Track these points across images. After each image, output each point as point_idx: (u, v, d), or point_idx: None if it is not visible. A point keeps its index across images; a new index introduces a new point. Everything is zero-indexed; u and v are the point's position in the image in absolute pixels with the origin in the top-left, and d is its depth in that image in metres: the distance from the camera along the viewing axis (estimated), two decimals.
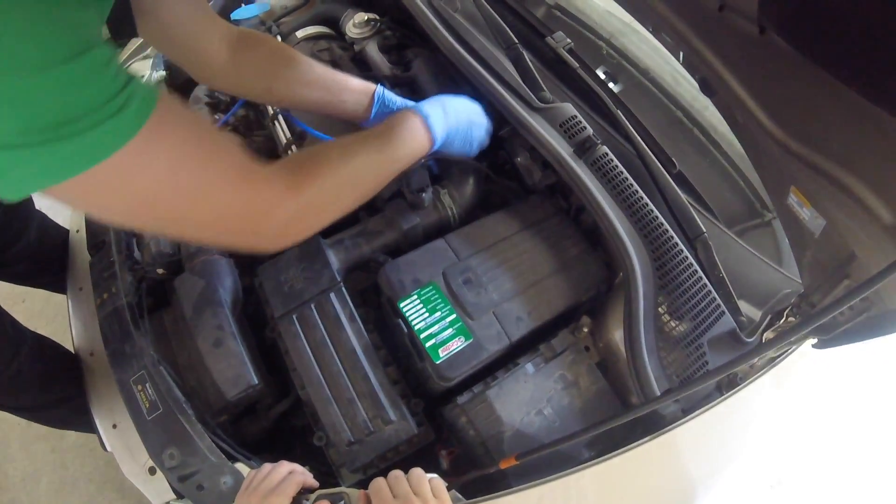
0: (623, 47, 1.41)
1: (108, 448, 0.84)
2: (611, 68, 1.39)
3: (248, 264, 0.96)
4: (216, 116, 1.08)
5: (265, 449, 0.90)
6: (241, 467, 0.77)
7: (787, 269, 1.05)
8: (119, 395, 0.83)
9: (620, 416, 0.54)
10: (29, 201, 1.14)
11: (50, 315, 1.78)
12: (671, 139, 1.32)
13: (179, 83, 1.19)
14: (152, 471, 0.80)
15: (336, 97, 0.80)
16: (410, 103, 0.85)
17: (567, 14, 1.44)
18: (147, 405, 0.81)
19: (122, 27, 0.58)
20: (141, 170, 0.44)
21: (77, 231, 1.09)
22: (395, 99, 0.84)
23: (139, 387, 0.83)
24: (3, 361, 0.98)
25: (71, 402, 1.13)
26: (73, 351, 0.97)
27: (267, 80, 0.78)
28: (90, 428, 0.88)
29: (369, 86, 0.83)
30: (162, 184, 0.46)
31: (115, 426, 0.85)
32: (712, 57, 0.68)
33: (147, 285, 0.92)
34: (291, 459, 0.89)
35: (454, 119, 0.78)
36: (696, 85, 0.81)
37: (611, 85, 1.37)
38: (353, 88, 0.82)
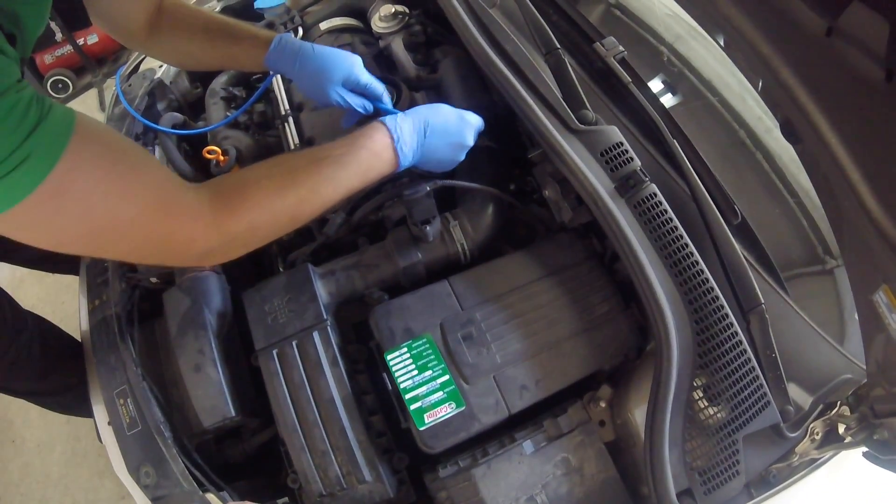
0: (686, 54, 1.22)
1: (103, 442, 0.84)
2: (671, 77, 1.21)
3: (242, 278, 0.89)
4: (228, 112, 1.01)
5: (251, 470, 0.86)
6: (212, 498, 0.74)
7: (847, 332, 0.88)
8: None
9: None
10: None
11: (76, 290, 1.81)
12: (730, 165, 1.14)
13: (199, 76, 1.14)
14: None
15: (226, 35, 0.79)
16: (318, 47, 0.76)
17: (628, 14, 1.26)
18: (128, 420, 0.80)
19: (75, 19, 0.55)
20: (54, 212, 0.46)
21: None
22: (295, 42, 0.77)
23: (121, 401, 0.82)
24: (2, 346, 0.97)
25: (73, 390, 1.13)
26: (79, 339, 0.96)
27: (172, 43, 0.79)
28: (91, 415, 0.86)
29: (270, 33, 0.79)
30: (79, 223, 0.48)
31: (109, 423, 0.83)
32: (806, 98, 0.52)
33: (140, 293, 0.88)
34: (277, 484, 0.85)
35: (431, 137, 0.69)
36: (772, 112, 0.66)
37: (669, 96, 1.20)
38: (245, 28, 0.80)
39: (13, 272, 1.02)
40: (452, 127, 0.71)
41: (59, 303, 1.78)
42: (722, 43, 0.74)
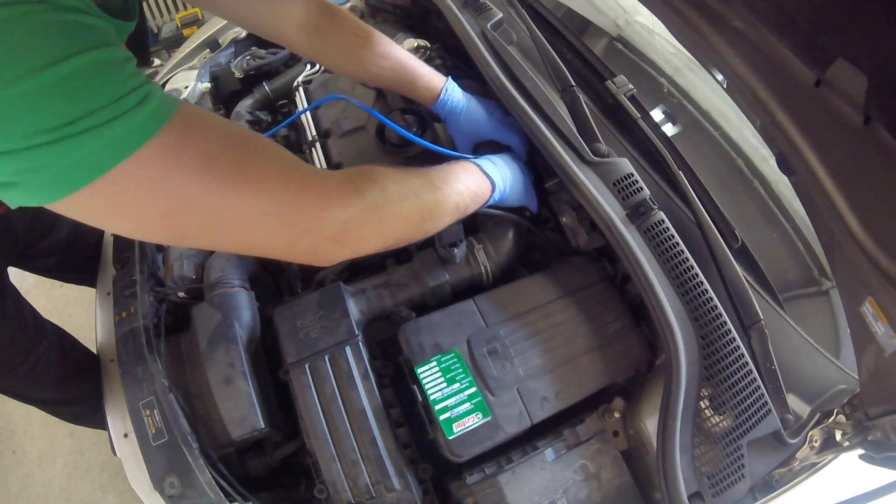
0: (685, 86, 1.30)
1: (118, 454, 0.85)
2: (671, 108, 1.29)
3: (270, 296, 0.93)
4: None
5: (270, 484, 0.88)
6: None
7: (842, 349, 0.94)
8: None
9: None
10: None
11: (85, 303, 1.83)
12: (729, 192, 1.21)
13: (225, 95, 1.18)
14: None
15: (407, 78, 0.84)
16: (474, 99, 0.88)
17: (629, 47, 1.35)
18: (153, 431, 0.82)
19: (139, 56, 0.57)
20: (169, 167, 0.40)
21: (112, 235, 1.09)
22: (461, 93, 0.87)
23: (147, 412, 0.83)
24: (20, 354, 0.99)
25: (87, 401, 1.14)
26: (94, 352, 0.98)
27: (343, 54, 0.81)
28: (103, 426, 0.88)
29: (440, 76, 0.86)
30: (196, 178, 0.42)
31: (126, 435, 0.85)
32: (798, 137, 0.59)
33: (167, 307, 0.91)
34: (295, 498, 0.87)
35: (505, 170, 0.77)
36: (768, 147, 0.72)
37: (669, 126, 1.27)
38: (424, 73, 0.85)
39: (20, 282, 1.03)
40: (512, 163, 0.81)
41: (67, 315, 1.79)
42: (720, 79, 0.81)
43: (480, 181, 0.73)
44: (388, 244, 0.61)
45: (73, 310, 1.81)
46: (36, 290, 1.81)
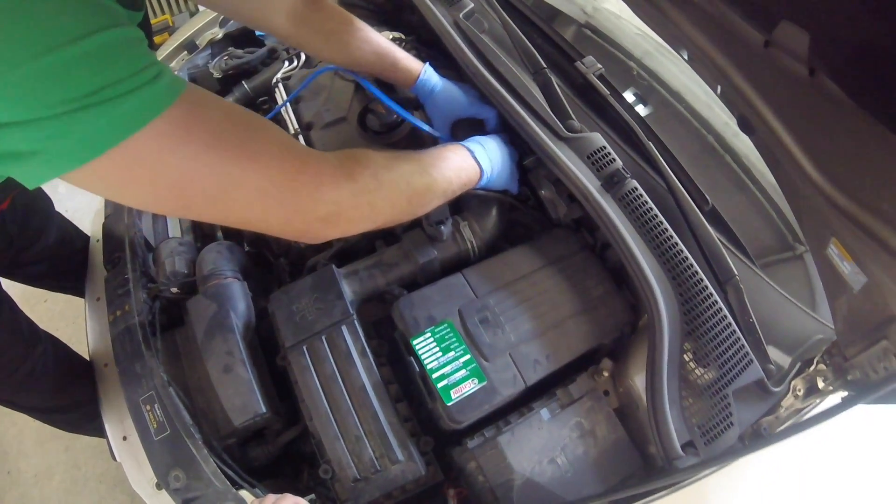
0: (654, 68, 1.36)
1: (118, 458, 0.85)
2: (641, 90, 1.34)
3: (263, 287, 0.95)
4: None
5: (272, 474, 0.90)
6: (245, 495, 0.77)
7: (818, 307, 0.99)
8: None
9: (639, 484, 0.51)
10: (48, 203, 1.15)
11: (70, 317, 1.81)
12: (702, 167, 1.26)
13: None
14: (159, 486, 0.80)
15: (387, 62, 0.88)
16: (450, 82, 0.92)
17: (598, 33, 1.40)
18: (155, 425, 0.82)
19: None
20: (180, 140, 0.43)
21: (98, 241, 1.09)
22: (437, 76, 0.91)
23: (148, 407, 0.83)
24: (16, 360, 0.98)
25: (83, 407, 1.14)
26: (87, 358, 0.98)
27: (327, 40, 0.85)
28: (99, 433, 0.88)
29: (417, 60, 0.91)
30: (204, 152, 0.45)
31: (125, 438, 0.86)
32: (754, 96, 0.64)
33: (161, 304, 0.92)
34: (298, 485, 0.89)
35: (495, 154, 0.81)
36: (730, 111, 0.76)
37: (640, 108, 1.32)
38: (403, 57, 0.90)
39: (34, 289, 1.03)
40: (500, 145, 0.85)
41: (54, 329, 1.74)
42: (686, 57, 0.86)
43: (470, 167, 0.76)
44: (378, 225, 0.64)
45: (60, 324, 1.79)
46: (21, 304, 1.78)
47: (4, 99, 0.36)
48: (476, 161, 0.77)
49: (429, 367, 0.71)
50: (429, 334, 0.73)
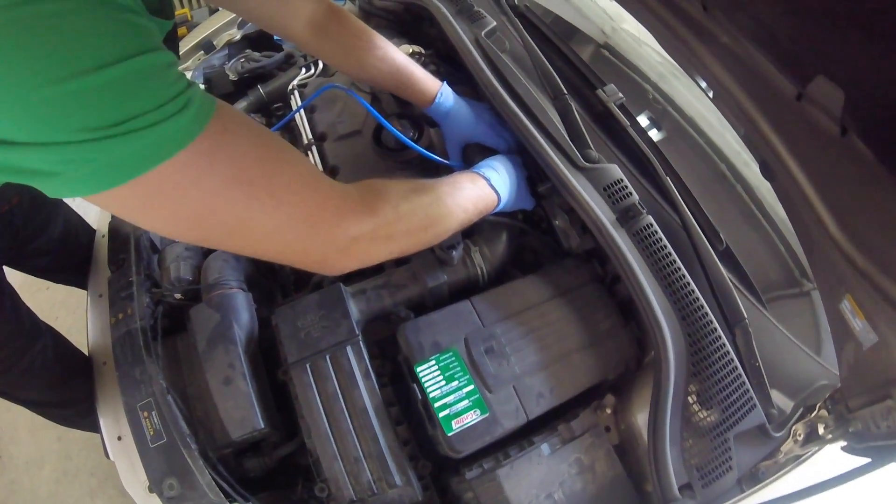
0: (669, 92, 1.35)
1: (111, 457, 0.84)
2: (655, 114, 1.33)
3: (264, 299, 0.94)
4: None
5: (266, 485, 0.89)
6: None
7: (823, 346, 0.99)
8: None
9: None
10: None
11: (71, 306, 1.80)
12: (712, 195, 1.25)
13: (219, 97, 1.18)
14: (150, 489, 0.79)
15: (403, 81, 0.87)
16: (467, 103, 0.91)
17: (616, 55, 1.39)
18: (151, 432, 0.81)
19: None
20: (202, 173, 0.43)
21: (103, 236, 1.08)
22: (454, 97, 0.90)
23: (145, 413, 0.83)
24: (16, 353, 0.98)
25: (78, 404, 1.13)
26: (86, 352, 0.97)
27: (344, 54, 0.85)
28: (94, 429, 0.88)
29: (435, 80, 0.90)
30: (225, 187, 0.45)
31: (119, 438, 0.85)
32: (779, 145, 0.63)
33: (164, 309, 0.91)
34: (292, 496, 0.88)
35: (508, 178, 0.80)
36: (751, 153, 0.76)
37: (654, 132, 1.32)
38: (420, 77, 0.88)
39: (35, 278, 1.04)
40: (510, 164, 0.84)
41: (53, 318, 1.76)
42: (704, 87, 0.85)
43: (487, 195, 0.76)
44: (395, 255, 0.64)
45: (60, 313, 1.79)
46: (22, 292, 1.76)
47: (24, 119, 0.36)
48: (493, 188, 0.76)
49: (431, 395, 0.71)
50: (433, 362, 0.73)
